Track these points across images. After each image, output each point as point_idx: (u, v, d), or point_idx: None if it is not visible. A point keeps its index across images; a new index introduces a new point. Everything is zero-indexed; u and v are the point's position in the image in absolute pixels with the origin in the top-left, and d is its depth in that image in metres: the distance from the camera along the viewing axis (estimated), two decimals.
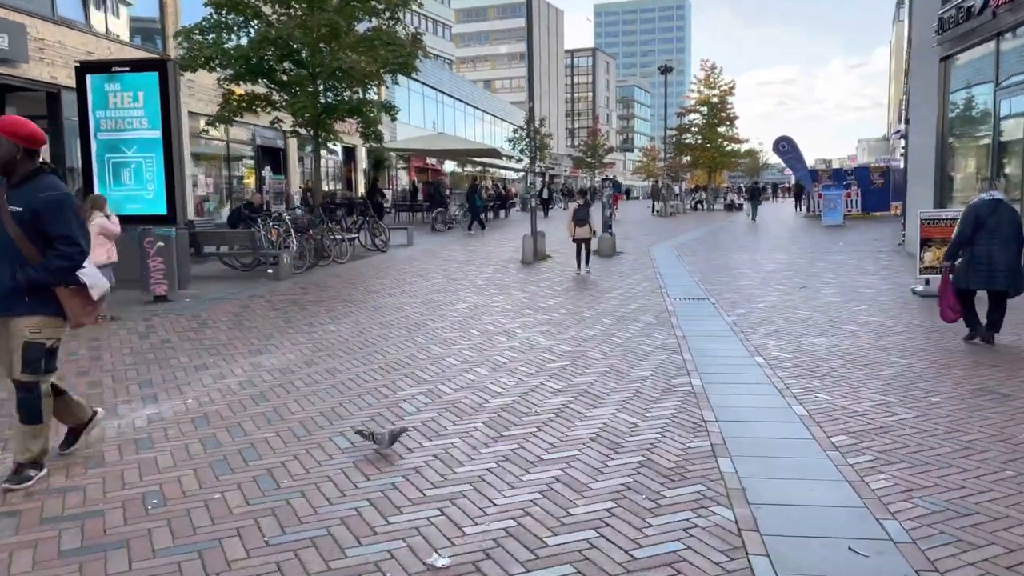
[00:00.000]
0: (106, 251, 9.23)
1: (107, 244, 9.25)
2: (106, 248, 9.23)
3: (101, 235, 9.16)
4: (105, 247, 9.22)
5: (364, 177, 39.77)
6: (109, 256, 9.27)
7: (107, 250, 9.25)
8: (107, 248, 9.25)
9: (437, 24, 75.75)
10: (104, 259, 9.19)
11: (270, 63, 15.15)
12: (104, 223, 9.23)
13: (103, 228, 9.19)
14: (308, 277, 13.20)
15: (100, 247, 9.13)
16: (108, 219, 9.32)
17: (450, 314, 9.67)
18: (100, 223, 9.17)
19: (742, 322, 9.07)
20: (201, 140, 25.67)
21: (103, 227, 9.19)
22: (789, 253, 18.06)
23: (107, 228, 9.22)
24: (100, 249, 9.12)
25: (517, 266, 15.38)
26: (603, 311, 9.91)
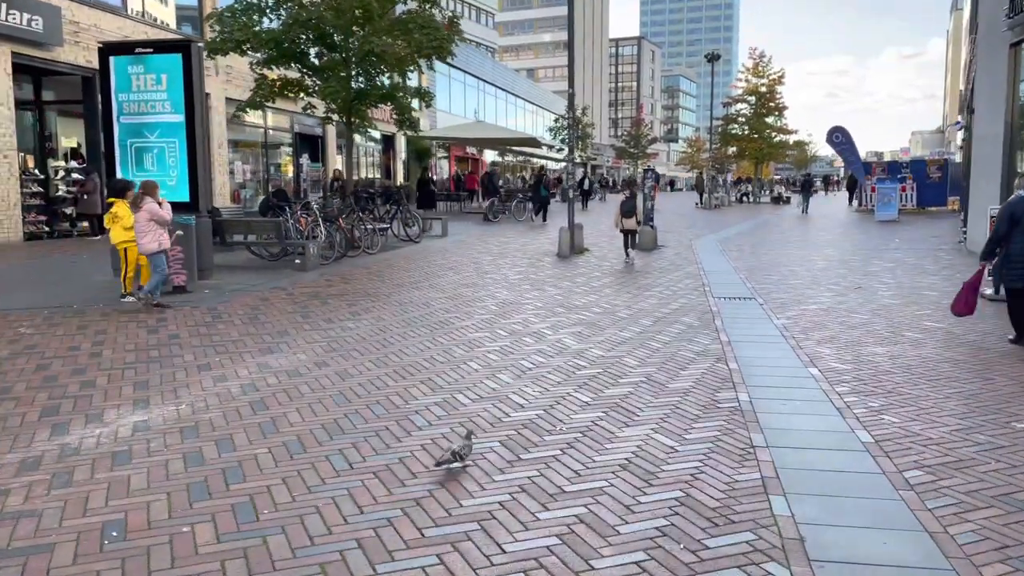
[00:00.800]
0: (156, 237, 8.85)
1: (158, 230, 8.88)
2: (156, 235, 8.86)
3: (152, 221, 8.84)
4: (155, 233, 8.84)
5: (403, 166, 39.45)
6: (160, 244, 8.89)
7: (157, 236, 8.87)
8: (158, 235, 8.87)
9: (480, 12, 75.07)
10: (155, 247, 8.89)
11: (302, 47, 14.71)
12: (154, 209, 8.82)
13: (153, 214, 8.79)
14: (335, 268, 12.75)
15: (150, 233, 8.86)
16: (159, 205, 8.97)
17: (477, 311, 9.09)
18: (150, 208, 8.82)
19: (793, 326, 8.33)
20: (240, 127, 25.55)
21: (153, 213, 8.79)
22: (841, 249, 17.10)
23: (157, 214, 8.82)
24: (150, 235, 8.86)
25: (553, 260, 14.75)
26: (641, 311, 9.24)
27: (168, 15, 22.20)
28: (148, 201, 8.80)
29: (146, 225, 8.80)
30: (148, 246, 8.81)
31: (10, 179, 16.01)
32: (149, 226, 8.80)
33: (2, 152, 15.75)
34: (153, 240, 8.80)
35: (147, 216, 8.77)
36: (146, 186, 9.08)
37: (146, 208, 8.75)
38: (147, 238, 8.81)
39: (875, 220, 26.11)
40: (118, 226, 9.13)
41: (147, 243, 8.81)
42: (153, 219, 8.79)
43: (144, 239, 8.80)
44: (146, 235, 8.80)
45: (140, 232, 8.80)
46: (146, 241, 8.82)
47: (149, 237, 8.80)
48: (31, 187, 16.87)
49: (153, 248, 8.80)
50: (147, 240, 8.81)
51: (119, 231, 9.14)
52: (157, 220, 8.82)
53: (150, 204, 8.79)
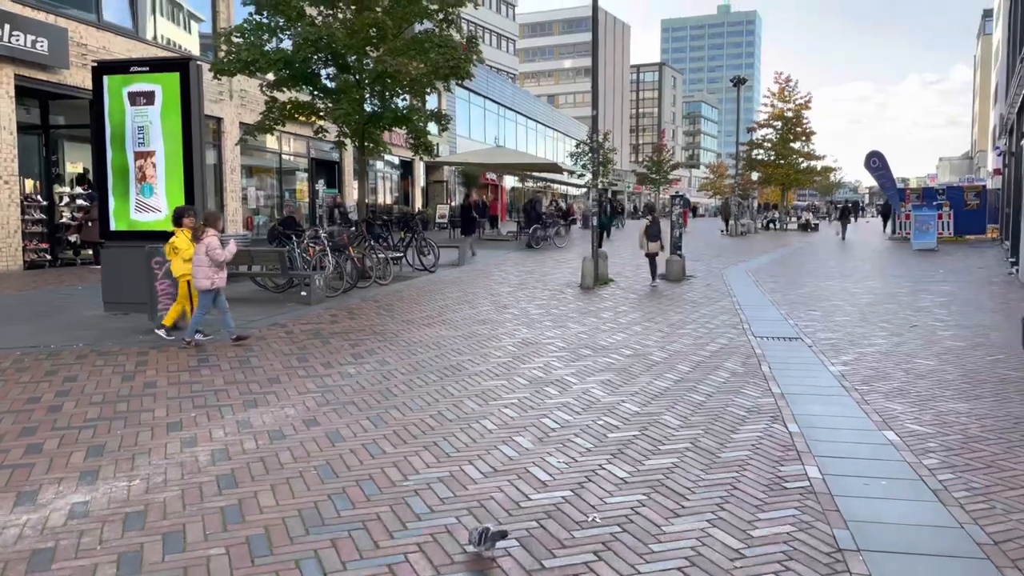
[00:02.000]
0: (209, 274, 8.15)
1: (210, 267, 8.17)
2: (210, 271, 8.15)
3: (206, 256, 8.10)
4: (210, 269, 8.15)
5: (421, 193, 38.84)
6: (212, 282, 8.18)
7: (211, 273, 8.16)
8: (211, 271, 8.17)
9: (502, 38, 75.06)
10: (206, 284, 8.14)
11: (313, 67, 14.02)
12: (213, 245, 8.12)
13: (210, 250, 8.10)
14: (343, 301, 11.91)
15: (204, 268, 8.10)
16: (221, 241, 8.30)
17: (494, 353, 8.17)
18: (210, 244, 8.09)
19: (852, 375, 7.32)
20: (254, 152, 25.03)
21: (211, 249, 8.10)
22: (884, 281, 16.02)
23: (213, 251, 8.12)
24: (204, 270, 8.11)
25: (575, 291, 13.83)
26: (677, 353, 8.27)
27: (191, 42, 21.77)
28: (210, 234, 8.15)
29: (202, 258, 8.08)
30: (201, 283, 8.12)
31: (11, 205, 15.42)
32: (204, 260, 8.08)
33: (2, 178, 15.18)
34: (206, 277, 8.10)
35: (204, 250, 8.08)
36: (209, 217, 8.44)
37: (206, 242, 8.08)
38: (202, 272, 8.09)
39: (912, 249, 24.94)
40: (178, 258, 8.46)
41: (200, 278, 8.12)
42: (208, 255, 8.07)
43: (199, 273, 8.12)
44: (201, 268, 8.09)
45: (196, 265, 8.14)
46: (200, 276, 8.11)
47: (204, 271, 8.08)
48: (33, 213, 16.28)
49: (204, 285, 8.11)
50: (201, 275, 8.10)
51: (179, 263, 8.48)
52: (211, 257, 8.09)
53: (211, 238, 8.12)
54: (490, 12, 71.78)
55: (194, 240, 8.22)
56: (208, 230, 8.21)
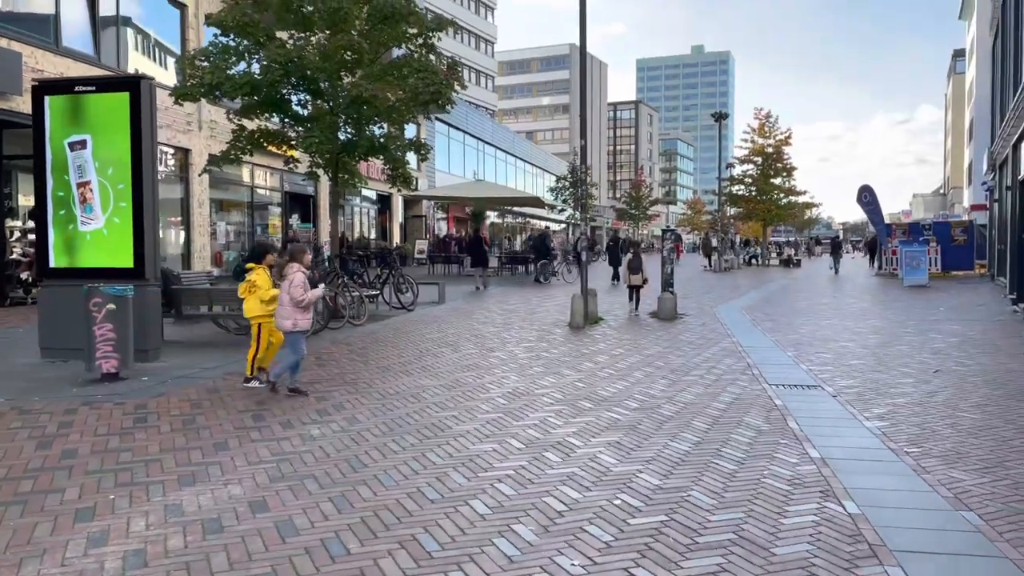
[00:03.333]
0: (293, 314, 7.33)
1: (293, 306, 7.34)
2: (294, 311, 7.33)
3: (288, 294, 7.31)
4: (288, 308, 7.31)
5: (399, 227, 37.90)
6: (296, 323, 7.35)
7: (294, 313, 7.34)
8: (295, 311, 7.34)
9: (481, 74, 75.03)
10: (289, 325, 7.32)
11: (283, 93, 13.08)
12: (299, 281, 7.29)
13: (295, 288, 7.28)
14: (312, 345, 10.77)
15: (282, 307, 7.33)
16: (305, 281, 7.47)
17: (481, 407, 7.13)
18: (296, 282, 7.26)
19: (895, 433, 6.37)
20: (225, 185, 23.97)
21: (296, 287, 7.28)
22: (885, 319, 15.22)
23: (297, 291, 7.28)
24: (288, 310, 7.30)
25: (564, 331, 12.85)
26: (689, 405, 7.29)
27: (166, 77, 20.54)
28: (296, 271, 7.34)
29: (287, 297, 7.31)
30: (282, 323, 7.33)
31: None
32: (287, 299, 7.30)
33: None
34: (287, 316, 7.30)
35: (289, 287, 7.29)
36: (294, 253, 7.59)
37: (291, 278, 7.29)
38: (284, 312, 7.31)
39: (903, 285, 24.31)
40: (254, 297, 7.71)
41: (283, 319, 7.32)
42: (289, 293, 7.28)
43: (281, 313, 7.36)
44: (285, 308, 7.33)
45: (280, 304, 7.39)
46: (282, 315, 7.33)
47: (286, 311, 7.31)
48: None
49: (286, 327, 7.33)
50: (283, 314, 7.32)
51: (254, 303, 7.73)
52: (291, 296, 7.27)
53: (297, 275, 7.32)
54: (469, 48, 71.80)
55: (276, 278, 7.48)
56: (294, 266, 7.40)
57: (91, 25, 18.13)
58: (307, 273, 7.57)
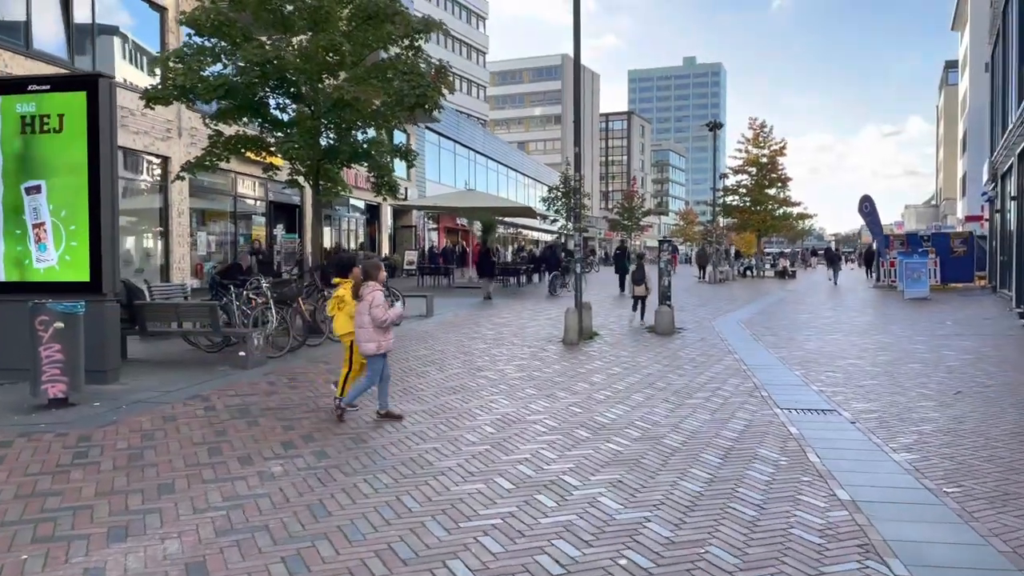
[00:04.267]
0: (375, 336, 6.77)
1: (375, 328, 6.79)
2: (376, 332, 6.77)
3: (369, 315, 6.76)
4: (370, 331, 6.75)
5: (388, 239, 37.18)
6: (379, 345, 6.81)
7: (377, 335, 6.78)
8: (377, 332, 6.78)
9: (472, 84, 74.60)
10: (372, 348, 6.76)
11: (260, 96, 12.39)
12: (377, 300, 6.75)
13: (374, 307, 6.72)
14: (287, 364, 10.10)
15: (363, 330, 6.75)
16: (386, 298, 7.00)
17: (466, 438, 6.42)
18: (375, 300, 6.72)
19: (928, 467, 5.69)
20: (206, 195, 23.23)
21: (374, 306, 6.72)
22: (892, 335, 14.58)
23: (376, 310, 6.73)
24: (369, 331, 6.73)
25: (558, 348, 12.16)
26: (695, 434, 6.60)
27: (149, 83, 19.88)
28: (372, 289, 6.79)
29: (367, 318, 6.73)
30: (366, 347, 6.77)
31: None
32: (369, 319, 6.74)
33: None
34: (370, 339, 6.74)
35: (369, 308, 6.72)
36: (368, 269, 6.99)
37: (369, 298, 6.73)
38: (366, 335, 6.74)
39: (904, 298, 23.72)
40: (344, 314, 7.13)
41: (365, 342, 6.76)
42: (370, 312, 6.71)
43: (363, 336, 6.77)
44: (366, 330, 6.75)
45: (359, 326, 6.81)
46: (364, 339, 6.75)
47: (368, 333, 6.72)
48: None
49: (370, 350, 6.76)
50: (365, 337, 6.75)
51: (344, 320, 7.12)
52: (372, 316, 6.70)
53: (375, 293, 6.77)
54: (460, 58, 71.36)
55: (354, 296, 6.91)
56: (370, 284, 6.82)
57: (65, 29, 17.44)
58: (385, 291, 7.05)
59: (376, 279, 6.86)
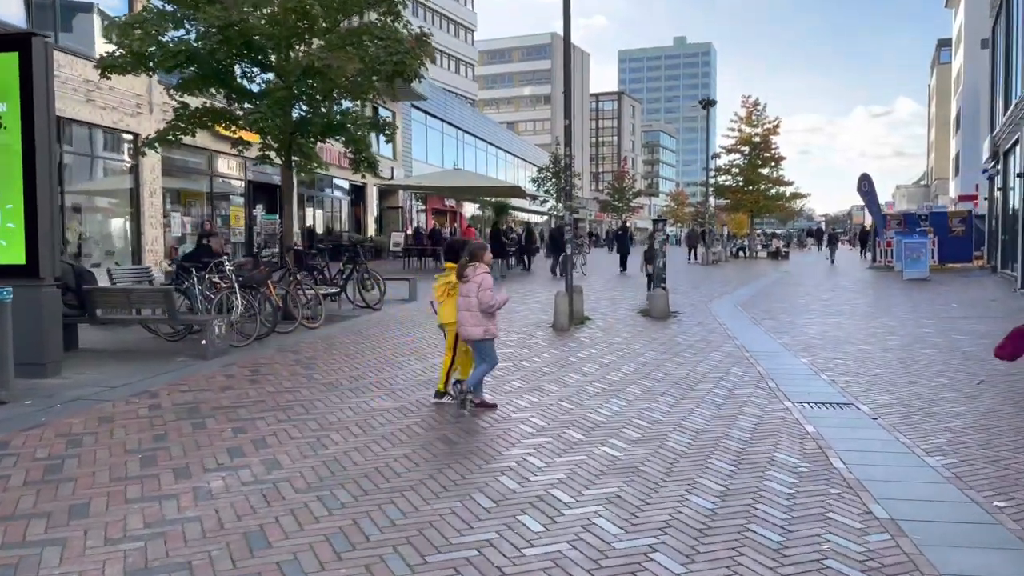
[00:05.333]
0: (482, 320, 6.49)
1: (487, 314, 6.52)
2: (482, 318, 6.49)
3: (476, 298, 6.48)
4: (478, 315, 6.47)
5: (374, 220, 36.24)
6: (487, 331, 6.56)
7: (484, 320, 6.50)
8: (483, 318, 6.49)
9: (460, 63, 73.29)
10: (479, 332, 6.52)
11: (224, 64, 11.47)
12: (487, 283, 6.48)
13: (481, 290, 6.45)
14: (252, 353, 9.28)
15: (470, 313, 6.48)
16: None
17: (443, 442, 5.64)
18: (483, 282, 6.46)
19: (969, 474, 4.97)
20: (181, 174, 22.26)
21: (484, 288, 6.45)
22: (897, 317, 13.88)
23: (485, 293, 6.45)
24: (477, 316, 6.47)
25: (548, 335, 11.40)
26: (701, 434, 5.86)
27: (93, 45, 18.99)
28: (480, 270, 6.53)
29: (474, 301, 6.48)
30: (472, 331, 6.51)
31: None
32: (477, 303, 6.47)
33: None
34: (478, 324, 6.50)
35: (477, 291, 6.44)
36: (474, 251, 6.70)
37: (476, 280, 6.45)
38: (474, 319, 6.49)
39: (903, 279, 23.06)
40: (453, 300, 6.72)
41: (472, 326, 6.50)
42: (479, 296, 6.45)
43: (469, 320, 6.51)
44: (474, 314, 6.50)
45: (464, 309, 6.53)
46: (471, 323, 6.49)
47: (476, 318, 6.49)
48: None
49: (476, 334, 6.53)
50: (472, 321, 6.49)
51: (454, 307, 6.71)
52: (480, 300, 6.44)
53: (483, 276, 6.51)
54: (448, 36, 69.99)
55: (460, 279, 6.60)
56: (478, 266, 6.55)
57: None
58: (492, 273, 6.70)
59: (482, 260, 6.59)
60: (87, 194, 18.65)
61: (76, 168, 18.25)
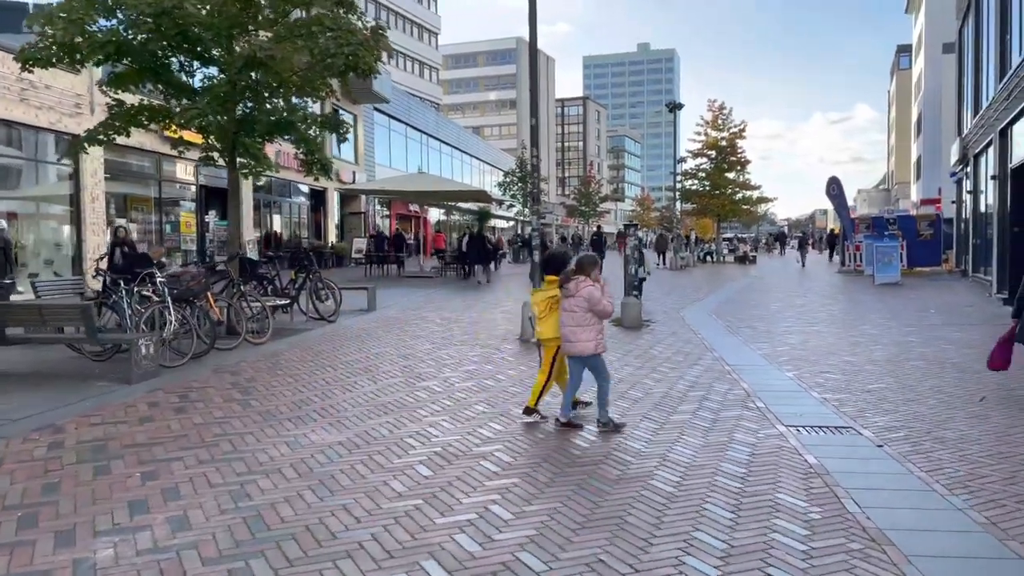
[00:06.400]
0: (595, 335, 6.21)
1: (598, 325, 6.27)
2: (596, 330, 6.22)
3: (590, 312, 6.19)
4: (594, 329, 6.22)
5: (335, 226, 35.12)
6: (597, 344, 6.25)
7: (596, 334, 6.22)
8: (596, 331, 6.22)
9: (424, 66, 72.33)
10: (592, 347, 6.23)
11: (159, 56, 10.48)
12: (595, 296, 6.15)
13: (593, 302, 6.15)
14: (186, 374, 8.33)
15: (589, 328, 6.19)
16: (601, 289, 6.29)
17: (390, 488, 4.80)
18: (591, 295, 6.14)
19: (1002, 517, 4.28)
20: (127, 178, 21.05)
21: (593, 301, 6.14)
22: (877, 325, 13.35)
23: (597, 303, 6.15)
24: (589, 331, 6.19)
25: (515, 348, 10.60)
26: (689, 471, 5.09)
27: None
28: (587, 284, 6.21)
29: (583, 316, 6.17)
30: (584, 347, 6.20)
31: None
32: (587, 318, 6.18)
33: None
34: (590, 339, 6.20)
35: (586, 305, 6.15)
36: (583, 264, 6.36)
37: (584, 293, 6.14)
38: (585, 334, 6.19)
39: (874, 284, 22.70)
40: (557, 314, 6.39)
41: (583, 341, 6.19)
42: (592, 309, 6.16)
43: (580, 335, 6.20)
44: (584, 329, 6.19)
45: (573, 325, 6.22)
46: (583, 339, 6.18)
47: (588, 333, 6.19)
48: None
49: (589, 349, 6.22)
50: (584, 337, 6.18)
51: (556, 322, 6.40)
52: (596, 312, 6.18)
53: (590, 288, 6.19)
54: (411, 39, 69.05)
55: (564, 291, 6.29)
56: (585, 279, 6.23)
57: None
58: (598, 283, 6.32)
59: (589, 275, 6.25)
60: (23, 199, 17.44)
61: (10, 172, 17.05)
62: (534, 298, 6.76)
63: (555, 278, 6.51)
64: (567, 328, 6.26)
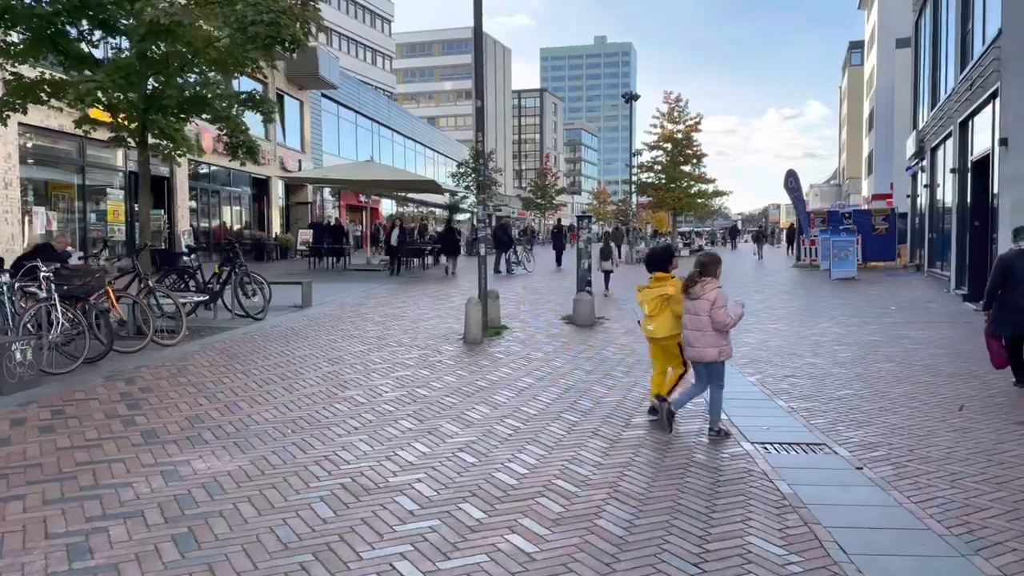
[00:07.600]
0: (718, 340, 5.81)
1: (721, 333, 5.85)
2: (719, 337, 5.81)
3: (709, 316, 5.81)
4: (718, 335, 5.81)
5: (280, 215, 33.70)
6: (720, 351, 5.85)
7: (719, 340, 5.82)
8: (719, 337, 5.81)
9: (377, 54, 70.65)
10: (714, 355, 5.84)
11: (57, 25, 9.28)
12: (720, 300, 5.78)
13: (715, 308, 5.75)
14: (72, 383, 7.24)
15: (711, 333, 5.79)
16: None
17: (278, 534, 3.87)
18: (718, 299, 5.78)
19: (1012, 564, 3.54)
20: (47, 163, 19.54)
21: (718, 305, 5.75)
22: (838, 323, 12.78)
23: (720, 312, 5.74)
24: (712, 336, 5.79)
25: (457, 349, 9.71)
26: (644, 506, 4.28)
27: None
28: (712, 286, 5.85)
29: (706, 320, 5.80)
30: (707, 352, 5.83)
31: None
32: (709, 322, 5.78)
33: None
34: (712, 344, 5.82)
35: (710, 307, 5.74)
36: (707, 263, 5.97)
37: (709, 297, 5.77)
38: (707, 338, 5.80)
39: (831, 279, 22.34)
40: (668, 312, 6.11)
41: (706, 348, 5.82)
42: (712, 314, 5.75)
43: (702, 341, 5.81)
44: (705, 334, 5.79)
45: (693, 328, 5.85)
46: (700, 344, 5.81)
47: (710, 338, 5.78)
48: None
49: (711, 356, 5.85)
50: (703, 342, 5.80)
51: (668, 320, 6.13)
52: (716, 321, 5.75)
53: (716, 292, 5.81)
54: (363, 26, 67.35)
55: (687, 294, 5.93)
56: (708, 281, 5.87)
57: None
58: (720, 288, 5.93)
59: (714, 275, 5.92)
60: None
61: None
62: (642, 296, 6.39)
63: (663, 275, 6.25)
64: (689, 332, 5.90)
